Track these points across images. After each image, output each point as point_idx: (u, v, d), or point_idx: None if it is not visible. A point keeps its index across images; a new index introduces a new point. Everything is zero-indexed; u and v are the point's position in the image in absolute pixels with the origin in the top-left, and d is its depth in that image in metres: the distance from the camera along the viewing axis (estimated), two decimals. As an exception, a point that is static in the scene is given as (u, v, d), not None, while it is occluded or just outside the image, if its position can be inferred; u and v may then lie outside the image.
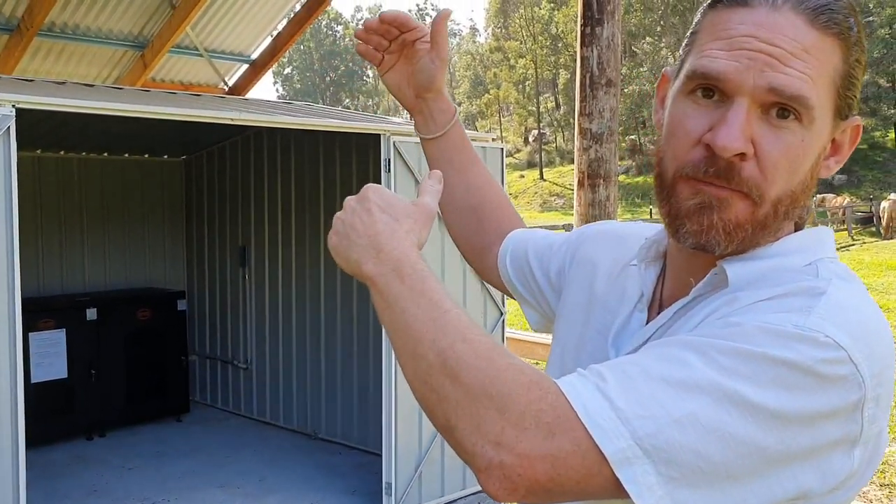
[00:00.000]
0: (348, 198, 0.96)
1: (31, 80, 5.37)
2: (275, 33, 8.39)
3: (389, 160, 4.69)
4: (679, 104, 0.90)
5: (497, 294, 5.30)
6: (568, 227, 17.14)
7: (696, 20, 0.94)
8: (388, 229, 0.90)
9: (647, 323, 1.00)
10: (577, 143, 5.49)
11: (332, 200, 6.32)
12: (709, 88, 0.87)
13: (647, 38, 49.47)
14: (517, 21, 57.48)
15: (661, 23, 48.75)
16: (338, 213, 0.96)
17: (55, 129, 6.03)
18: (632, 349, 0.94)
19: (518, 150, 56.58)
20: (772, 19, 0.85)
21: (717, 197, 0.87)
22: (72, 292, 6.89)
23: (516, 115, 59.64)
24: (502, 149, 5.29)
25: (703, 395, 0.74)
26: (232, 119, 4.11)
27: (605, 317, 1.06)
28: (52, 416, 6.09)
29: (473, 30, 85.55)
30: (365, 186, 0.95)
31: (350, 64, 78.67)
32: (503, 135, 63.85)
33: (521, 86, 57.59)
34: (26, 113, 4.38)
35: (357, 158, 6.05)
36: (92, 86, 5.83)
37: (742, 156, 0.85)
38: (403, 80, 1.27)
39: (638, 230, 1.14)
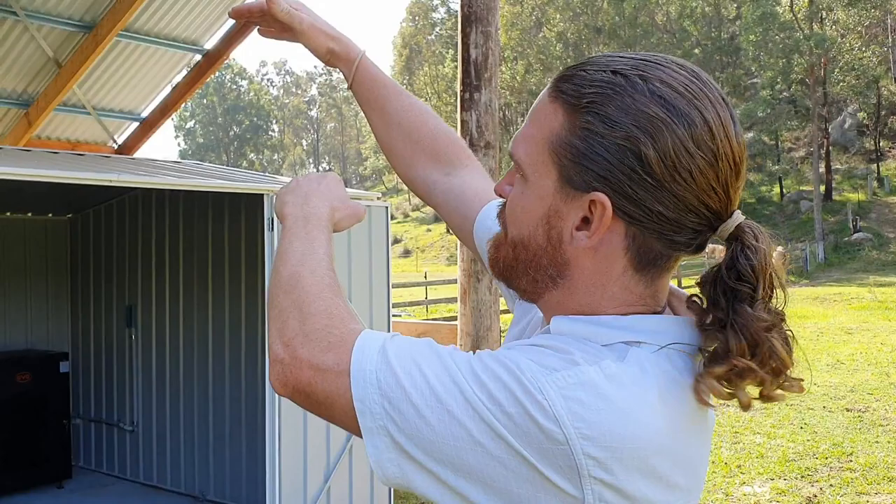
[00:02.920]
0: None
1: None
2: (165, 92, 8.39)
3: (273, 219, 4.78)
4: None
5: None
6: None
7: None
8: (323, 198, 1.11)
9: None
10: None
11: (221, 259, 6.33)
12: None
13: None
14: (422, 78, 58.62)
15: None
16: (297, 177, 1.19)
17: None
18: None
19: (425, 205, 57.15)
20: None
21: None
22: (-54, 356, 6.63)
23: (422, 170, 60.35)
24: (387, 207, 5.46)
25: (448, 379, 0.85)
26: (112, 181, 4.14)
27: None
28: (-80, 488, 5.82)
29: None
30: (331, 173, 1.19)
31: (255, 118, 78.33)
32: (410, 189, 64.31)
33: (426, 141, 58.41)
34: None
35: (245, 217, 6.10)
36: (-32, 145, 5.72)
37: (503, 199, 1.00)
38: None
39: None
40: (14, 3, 6.71)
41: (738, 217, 0.90)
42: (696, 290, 0.95)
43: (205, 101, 76.18)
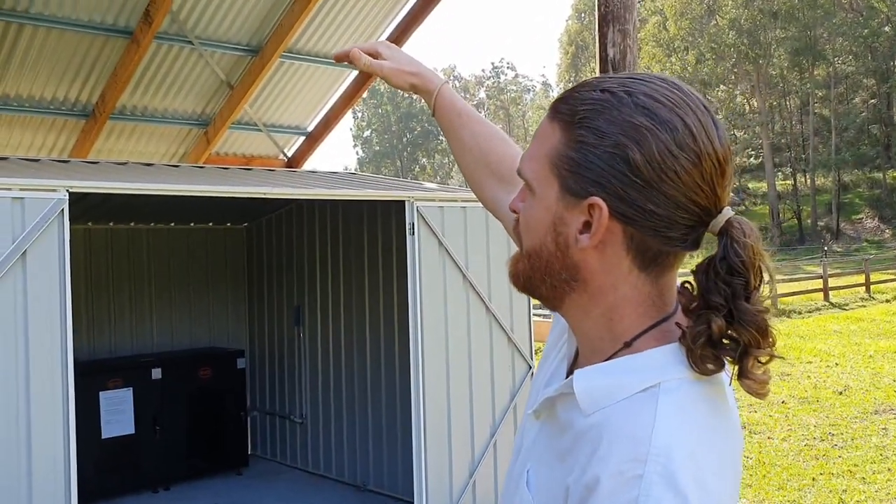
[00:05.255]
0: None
1: (96, 163, 5.94)
2: (328, 107, 8.94)
3: (413, 224, 5.04)
4: None
5: (524, 347, 5.52)
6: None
7: None
8: None
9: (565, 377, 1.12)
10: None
11: (375, 260, 6.69)
12: None
13: (721, 87, 49.21)
14: (588, 74, 57.96)
15: (735, 70, 48.47)
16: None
17: (123, 205, 6.60)
18: (542, 398, 1.09)
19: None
20: None
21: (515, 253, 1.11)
22: (140, 353, 7.39)
23: (591, 168, 59.65)
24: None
25: None
26: (264, 193, 4.54)
27: (550, 364, 1.20)
28: (120, 470, 6.54)
29: (546, 85, 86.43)
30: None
31: (426, 125, 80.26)
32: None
33: (594, 138, 57.74)
34: (91, 195, 4.91)
35: (396, 222, 6.41)
36: (151, 165, 6.39)
37: (516, 217, 1.08)
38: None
39: None
40: (189, 33, 7.42)
41: (728, 213, 0.97)
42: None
43: (380, 110, 79.02)
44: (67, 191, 3.90)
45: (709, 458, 0.93)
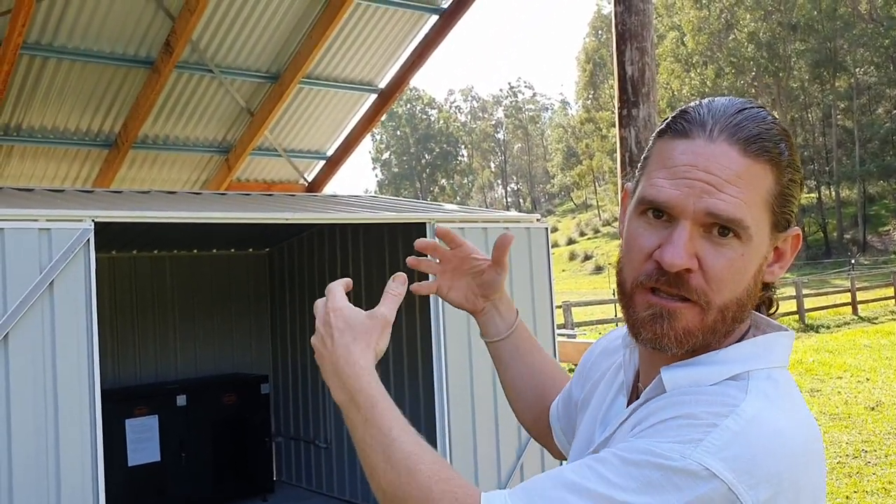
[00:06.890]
0: (316, 312, 1.12)
1: (120, 192, 6.00)
2: (347, 130, 9.01)
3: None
4: (633, 223, 1.03)
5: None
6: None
7: (648, 145, 1.07)
8: (345, 353, 1.07)
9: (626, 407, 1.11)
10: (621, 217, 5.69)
11: (397, 284, 6.68)
12: (658, 210, 1.00)
13: (741, 100, 49.02)
14: (607, 91, 58.03)
15: (755, 83, 48.30)
16: (313, 338, 1.11)
17: (146, 233, 6.67)
18: (613, 429, 1.08)
19: (616, 219, 56.30)
20: (708, 150, 0.97)
21: (668, 309, 0.99)
22: (165, 380, 7.42)
23: (612, 185, 59.61)
24: (546, 228, 5.57)
25: (585, 495, 0.89)
26: (285, 219, 4.56)
27: (599, 400, 1.20)
28: (147, 498, 6.54)
29: (564, 103, 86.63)
30: (327, 303, 1.11)
31: (444, 145, 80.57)
32: (599, 204, 63.73)
33: (614, 155, 57.76)
34: (115, 224, 4.95)
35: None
36: (174, 193, 6.45)
37: (688, 270, 0.97)
38: (469, 291, 1.41)
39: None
40: (209, 61, 7.52)
41: None
42: None
43: (398, 132, 79.48)
44: (93, 220, 3.94)
45: (793, 440, 0.94)
